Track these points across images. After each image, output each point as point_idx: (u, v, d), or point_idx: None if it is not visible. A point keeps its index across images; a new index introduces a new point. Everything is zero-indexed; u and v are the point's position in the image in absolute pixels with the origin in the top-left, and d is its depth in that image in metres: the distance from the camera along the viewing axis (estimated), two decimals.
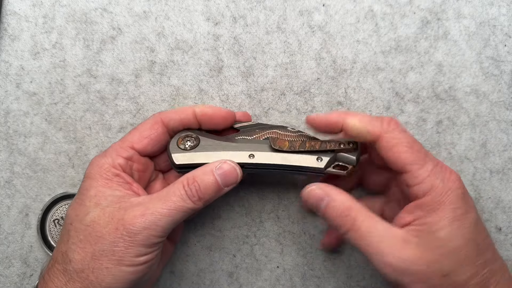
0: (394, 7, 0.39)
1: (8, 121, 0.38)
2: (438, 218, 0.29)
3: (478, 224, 0.30)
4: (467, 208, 0.29)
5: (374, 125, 0.31)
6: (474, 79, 0.39)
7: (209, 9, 0.39)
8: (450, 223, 0.29)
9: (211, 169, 0.31)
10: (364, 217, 0.30)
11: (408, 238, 0.29)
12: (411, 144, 0.30)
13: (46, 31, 0.38)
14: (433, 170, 0.29)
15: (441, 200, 0.29)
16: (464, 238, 0.29)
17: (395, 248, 0.29)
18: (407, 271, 0.29)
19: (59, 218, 0.37)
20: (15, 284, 0.38)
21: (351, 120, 0.31)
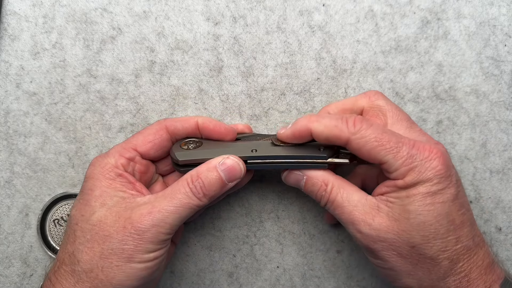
0: (394, 7, 0.39)
1: (8, 121, 0.38)
2: (411, 193, 0.30)
3: (457, 200, 0.30)
4: (445, 184, 0.29)
5: (340, 129, 0.31)
6: (474, 79, 0.39)
7: (209, 9, 0.39)
8: (422, 198, 0.29)
9: (214, 165, 0.31)
10: (340, 188, 0.32)
11: (380, 206, 0.31)
12: (380, 137, 0.30)
13: (46, 31, 0.38)
14: (409, 154, 0.30)
15: (418, 180, 0.30)
16: (434, 214, 0.29)
17: (367, 216, 0.30)
18: (377, 238, 0.30)
19: (59, 218, 0.37)
20: (15, 284, 0.38)
21: (316, 127, 0.31)
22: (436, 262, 0.30)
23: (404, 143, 0.30)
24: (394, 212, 0.30)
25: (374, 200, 0.31)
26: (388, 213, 0.30)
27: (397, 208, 0.30)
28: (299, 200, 0.39)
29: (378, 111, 0.33)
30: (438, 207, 0.29)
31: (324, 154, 0.32)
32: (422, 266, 0.30)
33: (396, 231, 0.30)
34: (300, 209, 0.39)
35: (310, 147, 0.33)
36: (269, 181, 0.39)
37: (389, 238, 0.30)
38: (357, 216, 0.31)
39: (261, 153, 0.33)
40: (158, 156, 0.34)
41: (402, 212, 0.30)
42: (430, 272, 0.30)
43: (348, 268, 0.39)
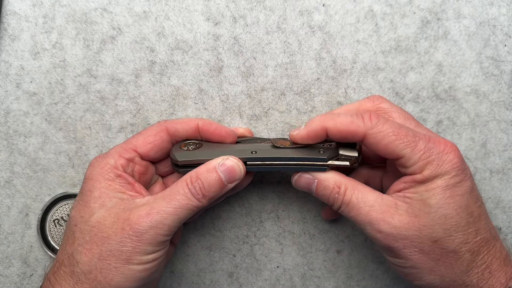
0: (394, 7, 0.39)
1: (8, 121, 0.38)
2: (430, 187, 0.30)
3: (473, 193, 0.30)
4: (462, 177, 0.30)
5: (356, 125, 0.30)
6: (474, 79, 0.39)
7: (209, 9, 0.39)
8: (442, 191, 0.29)
9: (214, 166, 0.31)
10: (354, 189, 0.31)
11: (398, 204, 0.30)
12: (397, 131, 0.30)
13: (46, 31, 0.38)
14: (426, 147, 0.30)
15: (436, 173, 0.30)
16: (455, 206, 0.29)
17: (386, 215, 0.30)
18: (398, 236, 0.30)
19: (59, 218, 0.37)
20: (15, 284, 0.38)
21: (333, 125, 0.31)
22: (459, 255, 0.29)
23: (420, 137, 0.30)
24: (414, 208, 0.30)
25: (391, 198, 0.31)
26: (407, 210, 0.30)
27: (416, 203, 0.30)
28: (299, 200, 0.39)
29: (383, 113, 0.33)
30: (458, 199, 0.29)
31: (324, 157, 0.32)
32: (445, 261, 0.30)
33: (418, 227, 0.29)
34: (300, 209, 0.39)
35: (310, 149, 0.32)
36: (269, 181, 0.39)
37: (410, 235, 0.29)
38: (375, 216, 0.30)
39: (260, 155, 0.32)
40: (158, 157, 0.34)
41: (422, 207, 0.30)
42: (452, 266, 0.30)
43: (348, 268, 0.39)
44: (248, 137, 0.36)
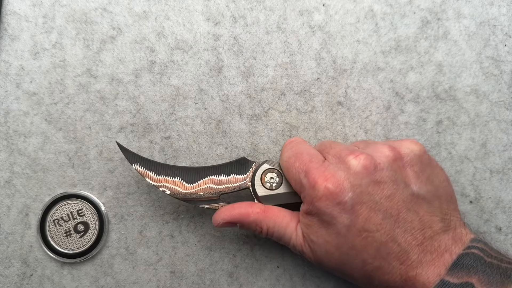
0: (394, 7, 0.39)
1: (8, 121, 0.38)
2: (310, 222, 0.31)
3: (353, 227, 0.29)
4: (335, 214, 0.30)
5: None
6: (474, 79, 0.39)
7: (209, 9, 0.38)
8: (318, 229, 0.31)
9: None
10: (274, 226, 0.33)
11: (303, 236, 0.32)
12: (290, 165, 0.33)
13: (46, 31, 0.38)
14: (303, 181, 0.31)
15: (309, 210, 0.31)
16: (333, 243, 0.30)
17: (300, 247, 0.33)
18: (312, 260, 0.32)
19: (59, 218, 0.37)
20: (15, 284, 0.38)
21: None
22: (355, 280, 0.31)
23: (305, 169, 0.31)
24: (308, 241, 0.32)
25: (300, 230, 0.33)
26: (307, 243, 0.32)
27: (308, 237, 0.32)
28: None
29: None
30: (334, 237, 0.30)
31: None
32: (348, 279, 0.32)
33: (317, 260, 0.32)
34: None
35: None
36: None
37: (316, 262, 0.32)
38: (293, 247, 0.33)
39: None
40: None
41: (311, 242, 0.32)
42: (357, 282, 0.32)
43: None
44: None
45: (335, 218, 0.30)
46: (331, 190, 0.29)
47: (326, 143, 0.35)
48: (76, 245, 0.37)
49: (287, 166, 0.33)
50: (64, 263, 0.38)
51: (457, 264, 0.29)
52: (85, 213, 0.37)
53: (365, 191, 0.29)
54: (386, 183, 0.30)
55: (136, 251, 0.38)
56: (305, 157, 0.32)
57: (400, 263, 0.29)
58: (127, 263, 0.38)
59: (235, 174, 0.35)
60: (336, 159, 0.31)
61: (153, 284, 0.38)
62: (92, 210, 0.37)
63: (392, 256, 0.29)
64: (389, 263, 0.29)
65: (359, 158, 0.30)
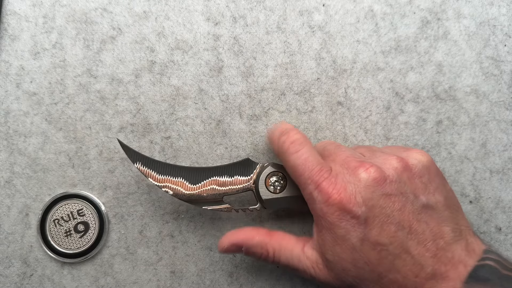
0: (394, 7, 0.39)
1: (8, 121, 0.38)
2: (323, 241, 0.31)
3: (367, 240, 0.29)
4: (348, 228, 0.29)
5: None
6: (474, 79, 0.39)
7: (209, 9, 0.39)
8: (332, 247, 0.30)
9: None
10: (280, 250, 0.33)
11: (316, 259, 0.32)
12: (299, 173, 0.32)
13: (46, 31, 0.38)
14: (311, 195, 0.31)
15: (321, 226, 0.31)
16: (349, 260, 0.30)
17: (311, 268, 0.32)
18: (325, 281, 0.31)
19: (59, 218, 0.37)
20: (15, 284, 0.38)
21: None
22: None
23: (312, 179, 0.31)
24: (324, 261, 0.31)
25: (311, 252, 0.32)
26: (322, 264, 0.31)
27: (322, 257, 0.31)
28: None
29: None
30: (349, 253, 0.30)
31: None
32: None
33: (333, 279, 0.31)
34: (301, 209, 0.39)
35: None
36: None
37: (332, 283, 0.31)
38: (304, 268, 0.32)
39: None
40: None
41: (327, 262, 0.31)
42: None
43: None
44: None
45: (349, 232, 0.29)
46: (344, 204, 0.29)
47: (328, 147, 0.34)
48: (76, 245, 0.37)
49: (295, 176, 0.32)
50: (64, 263, 0.38)
51: (473, 276, 0.28)
52: (85, 213, 0.37)
53: (376, 205, 0.29)
54: (396, 195, 0.30)
55: (136, 251, 0.38)
56: (314, 166, 0.31)
57: (414, 276, 0.29)
58: (127, 263, 0.38)
59: (238, 176, 0.35)
60: (344, 169, 0.31)
61: (153, 284, 0.38)
62: (92, 210, 0.38)
63: (406, 268, 0.29)
64: (404, 276, 0.29)
65: (369, 171, 0.30)
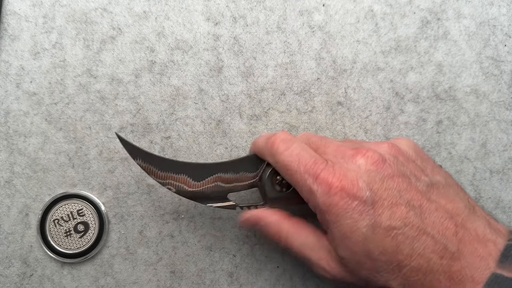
0: (394, 7, 0.39)
1: (8, 121, 0.38)
2: (332, 237, 0.29)
3: (378, 228, 0.27)
4: (356, 217, 0.27)
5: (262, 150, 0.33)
6: (474, 79, 0.39)
7: (209, 9, 0.39)
8: (341, 241, 0.28)
9: None
10: (294, 235, 0.31)
11: (330, 249, 0.29)
12: (294, 170, 0.31)
13: (46, 31, 0.38)
14: (311, 189, 0.29)
15: (327, 220, 0.29)
16: (363, 253, 0.27)
17: (323, 262, 0.30)
18: (337, 277, 0.29)
19: (59, 218, 0.37)
20: (15, 284, 0.38)
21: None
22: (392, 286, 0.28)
23: (310, 172, 0.29)
24: (336, 256, 0.29)
25: (326, 241, 0.30)
26: (336, 255, 0.29)
27: (334, 251, 0.29)
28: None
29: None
30: (362, 245, 0.27)
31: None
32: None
33: (348, 274, 0.29)
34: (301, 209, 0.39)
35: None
36: None
37: (346, 279, 0.29)
38: (315, 259, 0.30)
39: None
40: None
41: (339, 257, 0.29)
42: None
43: None
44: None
45: (357, 221, 0.27)
46: (348, 191, 0.27)
47: (312, 139, 0.32)
48: (76, 245, 0.37)
49: (290, 174, 0.30)
50: (64, 263, 0.38)
51: (507, 256, 0.26)
52: (85, 213, 0.37)
53: (381, 187, 0.27)
54: (399, 176, 0.28)
55: (136, 251, 0.38)
56: (308, 160, 0.29)
57: (440, 258, 0.26)
58: (127, 263, 0.38)
59: (245, 172, 0.33)
60: (340, 158, 0.29)
61: (153, 284, 0.38)
62: (92, 210, 0.38)
63: (428, 251, 0.26)
64: (428, 260, 0.26)
65: (367, 156, 0.28)
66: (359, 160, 0.28)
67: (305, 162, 0.29)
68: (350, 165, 0.28)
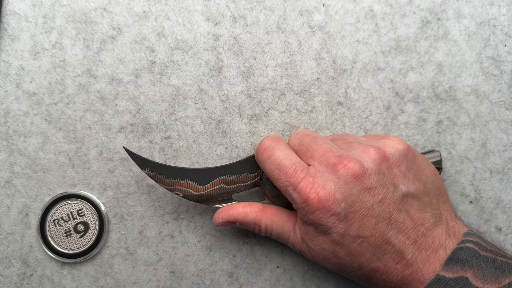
0: (394, 7, 0.39)
1: (8, 121, 0.38)
2: (307, 230, 0.32)
3: (347, 235, 0.30)
4: (330, 224, 0.30)
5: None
6: (474, 79, 0.39)
7: (209, 9, 0.39)
8: (314, 237, 0.31)
9: None
10: (272, 225, 0.34)
11: (303, 238, 0.32)
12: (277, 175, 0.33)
13: (46, 31, 0.38)
14: (293, 194, 0.31)
15: (304, 219, 0.31)
16: (330, 250, 0.31)
17: (299, 246, 0.33)
18: (313, 259, 0.33)
19: (59, 218, 0.37)
20: (15, 284, 0.38)
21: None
22: (354, 279, 0.32)
23: (289, 181, 0.31)
24: (306, 246, 0.32)
25: (298, 231, 0.33)
26: (306, 246, 0.33)
27: (306, 242, 0.32)
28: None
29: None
30: (331, 244, 0.30)
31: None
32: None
33: (317, 260, 0.32)
34: None
35: None
36: None
37: (318, 261, 0.33)
38: (292, 242, 0.34)
39: None
40: None
41: (308, 248, 0.32)
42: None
43: None
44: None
45: (329, 228, 0.30)
46: (323, 203, 0.30)
47: (305, 140, 0.34)
48: (76, 245, 0.37)
49: (273, 180, 0.33)
50: (64, 263, 0.38)
51: (452, 259, 0.29)
52: (85, 213, 0.37)
53: (356, 200, 0.30)
54: (376, 188, 0.30)
55: (136, 251, 0.38)
56: (288, 169, 0.31)
57: (395, 263, 0.30)
58: (127, 263, 0.38)
59: (245, 173, 0.35)
60: (323, 167, 0.31)
61: (153, 284, 0.38)
62: (92, 210, 0.38)
63: (387, 257, 0.30)
64: (385, 264, 0.30)
65: (348, 167, 0.30)
66: (340, 170, 0.30)
67: (285, 171, 0.32)
68: (331, 175, 0.30)
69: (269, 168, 0.33)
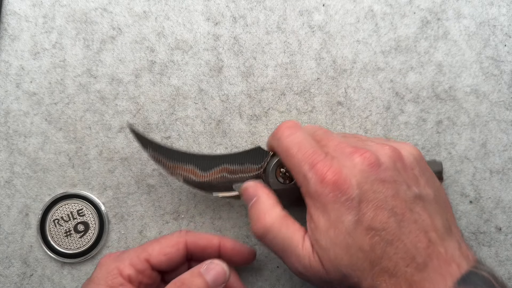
0: (394, 7, 0.39)
1: (8, 121, 0.38)
2: (316, 226, 0.29)
3: (360, 225, 0.28)
4: (341, 211, 0.28)
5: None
6: (474, 79, 0.39)
7: (209, 9, 0.39)
8: (326, 232, 0.29)
9: (198, 271, 0.32)
10: (281, 225, 0.31)
11: (308, 246, 0.30)
12: (292, 156, 0.31)
13: (46, 31, 0.38)
14: (305, 177, 0.30)
15: (315, 208, 0.30)
16: (342, 246, 0.28)
17: (309, 256, 0.30)
18: (310, 277, 0.30)
19: (59, 218, 0.37)
20: (15, 284, 0.38)
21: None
22: (361, 286, 0.29)
23: (306, 161, 0.30)
24: (315, 249, 0.30)
25: (307, 239, 0.30)
26: (313, 251, 0.30)
27: (315, 244, 0.30)
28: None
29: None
30: (343, 238, 0.28)
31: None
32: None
33: (325, 272, 0.29)
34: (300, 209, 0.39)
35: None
36: None
37: (321, 276, 0.29)
38: (299, 259, 0.30)
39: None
40: (169, 269, 0.34)
41: (318, 249, 0.29)
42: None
43: None
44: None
45: (343, 214, 0.28)
46: (339, 186, 0.29)
47: (318, 131, 0.33)
48: (76, 245, 0.37)
49: (288, 156, 0.31)
50: (64, 263, 0.38)
51: (466, 280, 0.28)
52: (85, 213, 0.37)
53: (370, 189, 0.29)
54: (390, 182, 0.29)
55: None
56: (308, 148, 0.31)
57: (405, 265, 0.28)
58: None
59: (249, 164, 0.35)
60: (339, 154, 0.30)
61: None
62: (92, 210, 0.38)
63: (397, 256, 0.28)
64: (394, 265, 0.28)
65: (364, 156, 0.29)
66: (356, 158, 0.29)
67: (304, 150, 0.31)
68: (346, 162, 0.30)
69: (288, 145, 0.31)
